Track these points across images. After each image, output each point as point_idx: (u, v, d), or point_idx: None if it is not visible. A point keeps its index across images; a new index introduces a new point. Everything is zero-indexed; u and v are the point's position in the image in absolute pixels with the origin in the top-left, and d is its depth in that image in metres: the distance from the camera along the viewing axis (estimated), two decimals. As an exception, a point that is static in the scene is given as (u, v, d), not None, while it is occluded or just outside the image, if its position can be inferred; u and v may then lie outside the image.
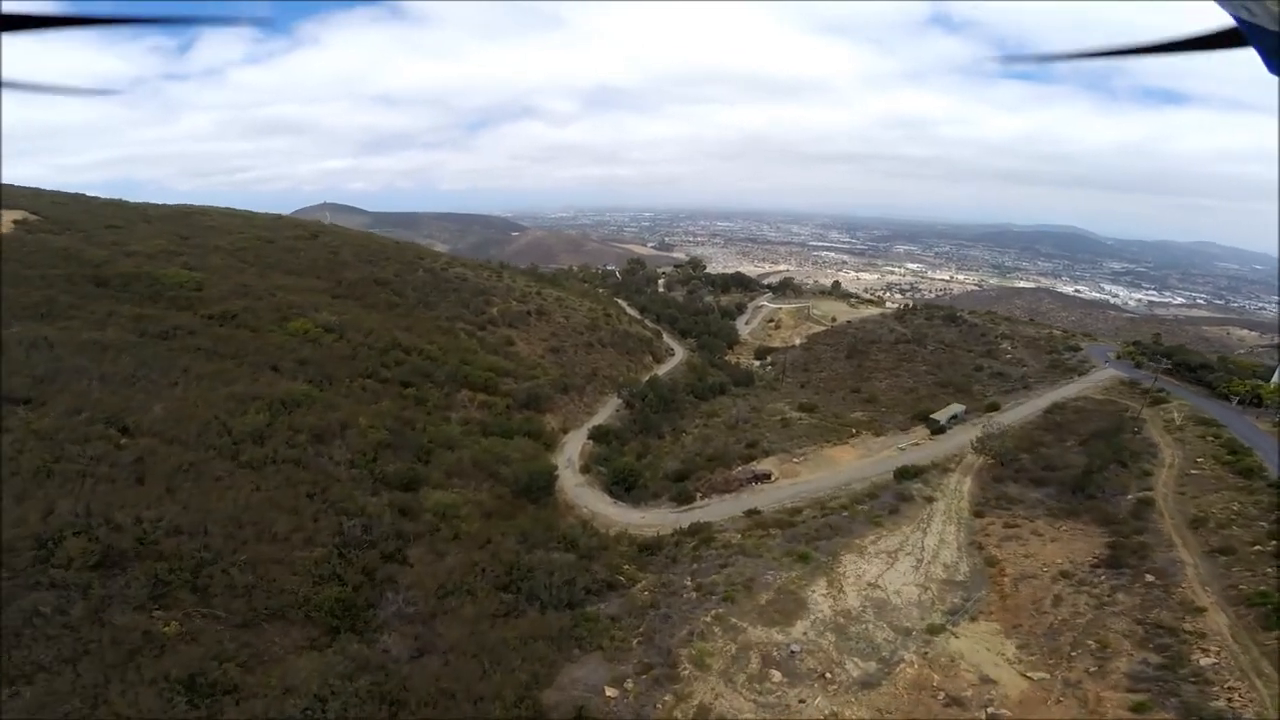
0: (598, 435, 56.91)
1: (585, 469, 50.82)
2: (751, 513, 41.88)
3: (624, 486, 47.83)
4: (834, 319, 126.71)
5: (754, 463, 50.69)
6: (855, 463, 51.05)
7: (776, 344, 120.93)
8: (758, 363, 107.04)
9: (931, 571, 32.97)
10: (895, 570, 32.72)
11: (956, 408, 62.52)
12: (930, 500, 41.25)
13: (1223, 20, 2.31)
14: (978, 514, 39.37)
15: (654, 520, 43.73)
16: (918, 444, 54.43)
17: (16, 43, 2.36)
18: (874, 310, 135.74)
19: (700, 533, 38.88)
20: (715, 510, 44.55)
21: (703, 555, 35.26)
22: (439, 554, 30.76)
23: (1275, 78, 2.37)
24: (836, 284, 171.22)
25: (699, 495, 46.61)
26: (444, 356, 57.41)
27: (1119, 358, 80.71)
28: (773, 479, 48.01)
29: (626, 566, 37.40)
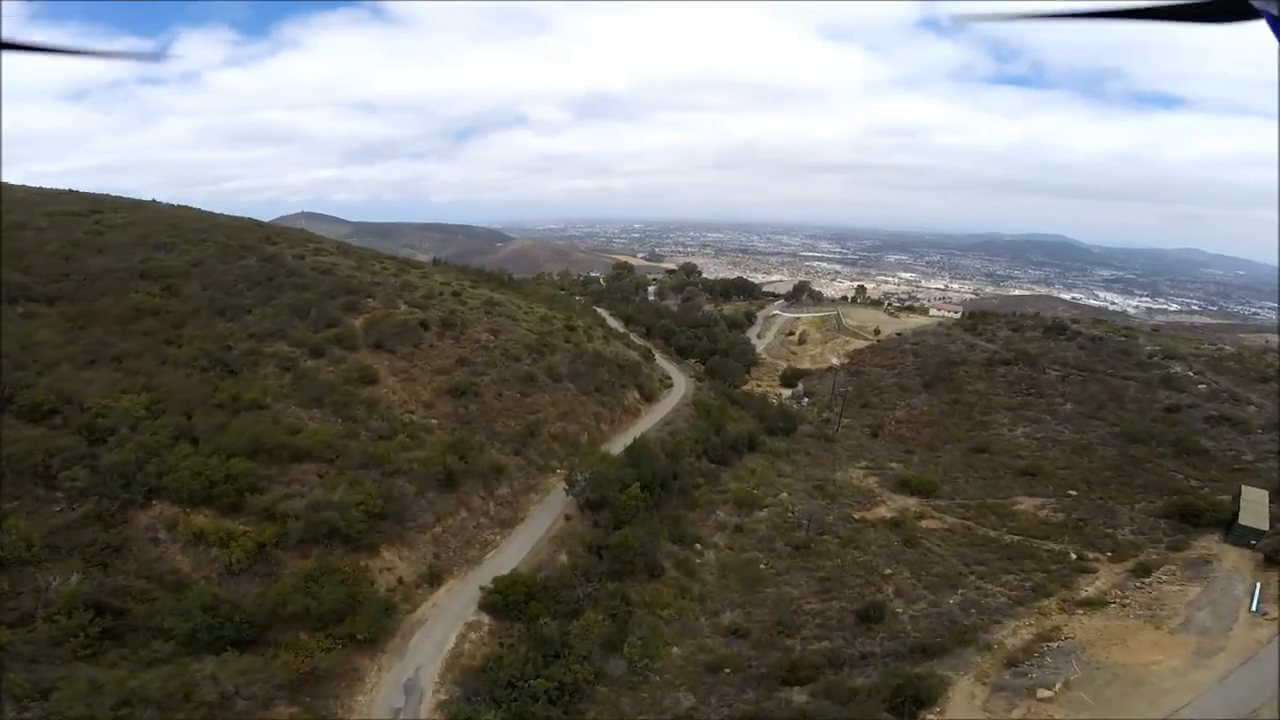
0: (503, 603, 23.70)
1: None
2: None
3: None
4: (877, 331, 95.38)
5: (933, 713, 17.85)
6: (1187, 672, 18.52)
7: (806, 364, 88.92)
8: (787, 392, 74.57)
9: None
10: None
11: (1257, 494, 30.45)
12: None
13: None
14: None
15: None
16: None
17: None
18: (923, 319, 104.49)
19: None
20: None
21: None
22: None
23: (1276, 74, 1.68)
24: (861, 289, 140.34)
25: None
26: (149, 423, 24.09)
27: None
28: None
29: None
